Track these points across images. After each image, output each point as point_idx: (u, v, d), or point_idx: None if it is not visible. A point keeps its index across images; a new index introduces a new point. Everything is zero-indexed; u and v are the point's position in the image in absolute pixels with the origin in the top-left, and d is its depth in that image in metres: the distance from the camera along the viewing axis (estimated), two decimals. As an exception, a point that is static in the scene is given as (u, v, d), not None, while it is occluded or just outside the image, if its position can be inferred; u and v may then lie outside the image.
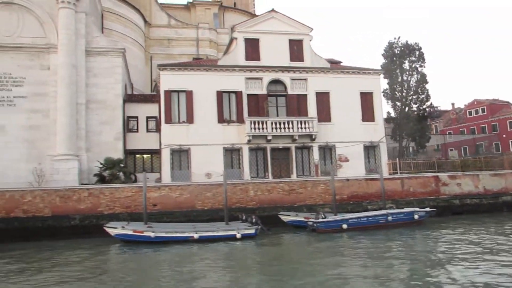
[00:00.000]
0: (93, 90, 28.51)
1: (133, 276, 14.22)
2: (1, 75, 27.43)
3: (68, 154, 26.84)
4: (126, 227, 19.74)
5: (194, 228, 20.65)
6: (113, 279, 13.66)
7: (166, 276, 14.02)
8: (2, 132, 26.96)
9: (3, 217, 23.21)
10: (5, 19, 27.86)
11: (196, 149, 27.45)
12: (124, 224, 20.44)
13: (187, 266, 15.20)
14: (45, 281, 13.43)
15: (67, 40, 27.76)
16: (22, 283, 13.41)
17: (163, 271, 14.76)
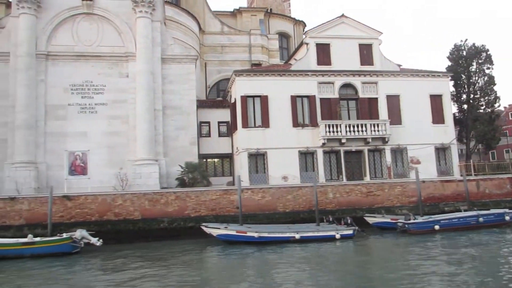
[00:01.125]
0: (168, 96, 29.31)
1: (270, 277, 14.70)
2: (83, 83, 28.43)
3: (148, 159, 27.61)
4: (229, 228, 20.28)
5: (289, 229, 21.09)
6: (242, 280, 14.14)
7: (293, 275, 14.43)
8: (85, 138, 27.90)
9: (97, 220, 24.03)
10: (86, 30, 28.90)
11: (272, 153, 27.96)
12: (224, 225, 21.00)
13: (304, 265, 15.64)
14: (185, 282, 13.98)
15: (144, 48, 28.65)
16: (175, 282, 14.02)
17: (285, 270, 15.16)
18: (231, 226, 20.69)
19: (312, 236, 20.10)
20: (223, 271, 15.46)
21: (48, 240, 19.09)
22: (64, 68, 28.36)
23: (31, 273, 16.14)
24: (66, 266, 17.52)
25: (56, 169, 27.28)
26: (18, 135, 26.70)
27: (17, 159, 26.44)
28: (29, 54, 27.46)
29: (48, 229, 21.71)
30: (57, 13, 28.58)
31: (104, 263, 17.68)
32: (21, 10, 27.80)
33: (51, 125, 27.71)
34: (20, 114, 26.83)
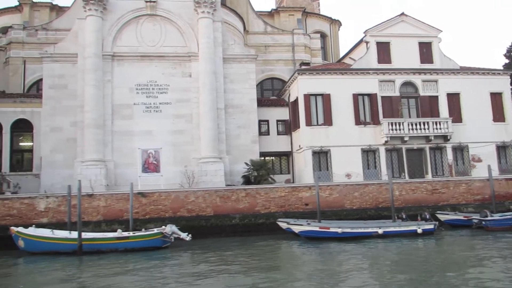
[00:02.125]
0: (229, 95, 29.75)
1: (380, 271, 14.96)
2: (147, 83, 29.02)
3: (213, 156, 28.06)
4: (312, 224, 20.60)
5: (365, 224, 21.34)
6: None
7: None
8: (150, 137, 28.47)
9: (171, 216, 24.56)
10: (149, 31, 29.49)
11: (336, 150, 28.22)
12: (307, 221, 21.35)
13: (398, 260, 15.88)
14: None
15: (207, 48, 29.13)
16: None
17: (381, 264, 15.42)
18: (313, 223, 20.99)
19: (395, 231, 20.33)
20: (318, 266, 15.67)
21: (141, 235, 19.63)
22: (129, 68, 28.99)
23: (127, 265, 16.67)
24: (159, 259, 18.06)
25: (123, 167, 27.92)
26: (88, 134, 27.39)
27: (87, 157, 27.13)
28: (96, 55, 28.16)
29: (130, 225, 22.25)
30: (121, 15, 29.22)
31: (194, 257, 18.20)
32: (88, 12, 28.51)
33: (118, 124, 28.35)
34: (89, 113, 27.51)
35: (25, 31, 42.62)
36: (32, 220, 23.56)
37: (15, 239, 20.19)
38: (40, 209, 23.90)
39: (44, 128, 28.07)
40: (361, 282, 12.67)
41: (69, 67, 28.76)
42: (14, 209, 23.68)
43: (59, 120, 28.12)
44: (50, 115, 28.14)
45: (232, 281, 13.41)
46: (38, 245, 19.41)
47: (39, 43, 42.54)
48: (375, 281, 12.78)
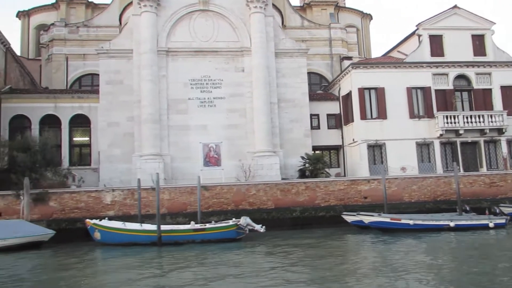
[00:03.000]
0: (281, 89, 29.94)
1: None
2: (201, 78, 29.33)
3: (268, 150, 28.31)
4: (382, 215, 20.78)
5: (432, 217, 21.45)
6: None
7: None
8: (205, 131, 28.80)
9: (233, 209, 24.91)
10: (202, 26, 29.77)
11: (390, 144, 28.31)
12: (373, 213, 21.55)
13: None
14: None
15: (260, 43, 29.32)
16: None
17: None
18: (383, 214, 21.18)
19: (466, 224, 20.41)
20: (398, 257, 15.76)
21: (217, 226, 19.99)
22: (183, 63, 29.32)
23: (206, 256, 17.03)
24: (235, 250, 18.43)
25: (179, 161, 28.32)
26: (145, 129, 27.80)
27: (145, 151, 27.56)
28: (152, 50, 28.52)
29: (198, 218, 22.58)
30: (175, 11, 29.52)
31: (268, 248, 18.56)
32: (143, 8, 28.84)
33: (173, 119, 28.72)
34: (146, 108, 27.92)
35: (66, 28, 43.28)
36: (99, 213, 24.10)
37: (91, 231, 20.70)
38: (107, 202, 24.43)
39: (102, 123, 28.57)
40: (451, 274, 12.76)
41: (124, 63, 29.17)
42: (81, 202, 24.25)
43: (115, 115, 28.58)
44: (107, 110, 28.62)
45: (314, 272, 13.57)
46: (116, 237, 19.89)
47: (81, 40, 43.27)
48: (462, 273, 12.84)
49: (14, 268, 16.77)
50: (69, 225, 23.24)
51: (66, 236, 21.88)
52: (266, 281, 12.36)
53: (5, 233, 20.19)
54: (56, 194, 24.12)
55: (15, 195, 23.92)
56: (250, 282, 12.29)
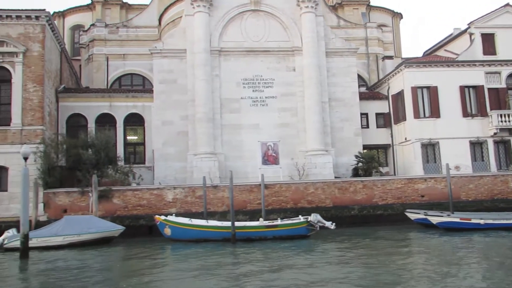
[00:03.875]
0: (332, 89, 30.10)
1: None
2: (253, 78, 29.62)
3: (320, 149, 28.49)
4: (452, 216, 20.84)
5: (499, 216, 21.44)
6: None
7: None
8: (257, 130, 29.07)
9: (292, 207, 25.16)
10: (253, 26, 30.06)
11: (444, 143, 28.35)
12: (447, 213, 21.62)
13: None
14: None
15: (311, 42, 29.52)
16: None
17: None
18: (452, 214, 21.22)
19: (537, 223, 20.37)
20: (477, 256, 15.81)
21: (288, 223, 20.23)
22: (235, 63, 29.63)
23: (279, 252, 17.24)
24: (306, 246, 18.66)
25: (232, 159, 28.61)
26: (200, 128, 28.14)
27: (200, 150, 27.88)
28: (205, 50, 28.86)
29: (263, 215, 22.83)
30: (227, 11, 29.84)
31: (338, 245, 18.81)
32: (197, 9, 29.21)
33: (226, 118, 29.03)
34: (201, 107, 28.26)
35: (106, 28, 43.87)
36: (161, 211, 24.51)
37: (160, 227, 21.05)
38: (168, 199, 24.84)
39: (156, 122, 28.98)
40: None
41: (177, 62, 29.56)
42: (144, 199, 24.69)
43: (169, 114, 28.96)
44: (161, 109, 29.02)
45: (388, 269, 13.58)
46: (188, 233, 20.21)
47: (120, 40, 43.82)
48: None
49: (100, 261, 17.21)
50: (133, 222, 23.66)
51: (130, 232, 22.26)
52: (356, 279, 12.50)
53: (80, 228, 20.66)
54: (119, 192, 24.60)
55: (79, 192, 24.47)
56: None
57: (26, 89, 24.97)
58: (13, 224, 23.38)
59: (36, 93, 25.05)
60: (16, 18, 25.28)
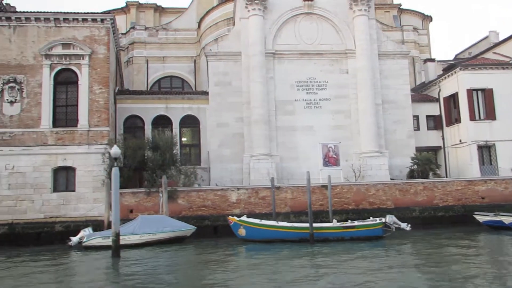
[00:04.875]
0: (384, 91, 30.29)
1: None
2: (307, 80, 29.89)
3: (376, 151, 28.67)
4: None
5: None
6: None
7: None
8: (311, 132, 29.31)
9: (354, 209, 25.37)
10: (306, 29, 30.34)
11: (500, 145, 28.45)
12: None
13: None
14: None
15: (365, 45, 29.75)
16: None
17: None
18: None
19: None
20: None
21: (365, 224, 20.42)
22: (289, 65, 29.92)
23: (357, 253, 17.43)
24: (383, 247, 18.83)
25: (287, 161, 28.88)
26: (256, 129, 28.41)
27: (257, 151, 28.16)
28: (261, 53, 29.16)
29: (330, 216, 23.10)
30: (281, 14, 30.16)
31: (415, 246, 18.96)
32: (252, 12, 29.54)
33: (281, 120, 29.31)
34: (257, 109, 28.54)
35: (146, 31, 44.44)
36: (225, 211, 24.81)
37: (234, 227, 21.34)
38: (232, 200, 25.12)
39: (211, 124, 29.31)
40: None
41: (232, 65, 29.90)
42: (208, 200, 24.99)
43: (225, 116, 29.28)
44: (216, 111, 29.35)
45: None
46: (264, 234, 20.45)
47: (160, 43, 44.42)
48: None
49: (187, 259, 17.51)
50: (197, 222, 23.88)
51: (195, 233, 22.54)
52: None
53: (156, 227, 21.01)
54: (184, 192, 24.94)
55: (145, 193, 24.82)
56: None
57: (92, 90, 25.40)
58: (81, 223, 23.92)
59: (102, 95, 25.48)
60: (82, 21, 25.73)
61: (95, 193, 24.53)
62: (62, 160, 24.62)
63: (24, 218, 23.77)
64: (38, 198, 24.15)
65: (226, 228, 24.20)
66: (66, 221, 23.91)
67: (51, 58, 25.34)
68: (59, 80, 25.54)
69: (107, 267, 16.51)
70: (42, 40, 25.41)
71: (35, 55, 25.26)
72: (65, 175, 24.88)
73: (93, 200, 24.41)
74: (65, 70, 25.59)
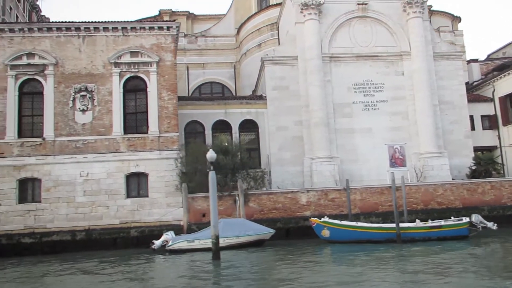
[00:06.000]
0: (440, 92, 30.48)
1: None
2: (363, 82, 30.16)
3: (436, 151, 28.84)
4: None
5: None
6: None
7: None
8: (370, 134, 29.54)
9: (422, 209, 25.52)
10: (361, 32, 30.65)
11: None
12: None
13: None
14: None
15: (421, 47, 29.98)
16: None
17: None
18: None
19: None
20: None
21: (452, 224, 20.56)
22: (345, 68, 30.22)
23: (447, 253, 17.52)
24: (469, 247, 18.96)
25: (347, 163, 29.09)
26: (316, 132, 28.67)
27: (318, 154, 28.41)
28: (318, 56, 29.49)
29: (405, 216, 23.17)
30: (336, 18, 30.49)
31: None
32: (307, 17, 29.89)
33: (339, 122, 29.57)
34: (317, 112, 28.82)
35: (186, 38, 44.90)
36: (296, 214, 25.13)
37: (317, 229, 21.58)
38: (302, 202, 25.38)
39: (271, 128, 29.62)
40: None
41: (289, 69, 30.23)
42: (279, 203, 25.29)
43: (283, 119, 29.59)
44: (274, 115, 29.66)
45: None
46: (349, 235, 20.66)
47: (200, 50, 44.87)
48: None
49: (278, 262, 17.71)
50: (270, 225, 24.05)
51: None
52: None
53: (238, 231, 21.28)
54: (255, 196, 25.24)
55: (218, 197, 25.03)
56: None
57: (161, 97, 25.82)
58: (155, 228, 24.27)
59: (170, 101, 25.91)
60: (149, 29, 26.19)
61: (167, 198, 24.90)
62: (134, 166, 25.02)
63: (100, 224, 24.18)
64: (113, 204, 24.55)
65: (298, 230, 24.60)
66: (141, 226, 24.26)
67: (120, 66, 25.80)
68: (128, 88, 25.99)
69: (214, 269, 16.75)
70: (110, 49, 25.90)
71: (104, 64, 25.74)
72: (136, 181, 25.27)
73: (166, 205, 24.77)
74: (134, 78, 26.04)
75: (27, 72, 25.31)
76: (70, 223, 24.01)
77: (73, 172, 24.55)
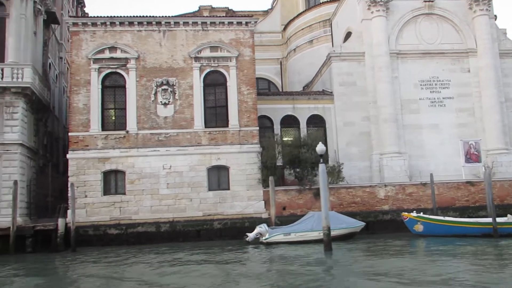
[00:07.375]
0: (506, 89, 30.74)
1: None
2: (430, 79, 30.40)
3: (504, 148, 29.12)
4: None
5: None
6: None
7: None
8: (437, 130, 29.81)
9: (498, 204, 25.65)
10: (427, 29, 30.87)
11: None
12: None
13: None
14: None
15: (487, 44, 30.21)
16: None
17: None
18: None
19: None
20: None
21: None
22: (412, 65, 30.45)
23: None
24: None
25: (415, 158, 29.31)
26: (385, 128, 28.95)
27: (387, 150, 28.69)
28: (386, 53, 29.72)
29: (489, 211, 23.46)
30: (402, 15, 30.69)
31: None
32: (375, 13, 30.12)
33: (406, 118, 29.81)
34: (386, 108, 29.09)
35: (230, 34, 44.89)
36: (374, 208, 25.48)
37: (409, 223, 21.92)
38: (380, 197, 25.74)
39: (338, 123, 29.90)
40: None
41: (355, 65, 30.49)
42: (357, 197, 25.65)
43: (350, 115, 29.87)
44: (342, 110, 29.95)
45: None
46: (444, 229, 20.98)
47: (246, 46, 44.75)
48: None
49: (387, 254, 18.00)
50: (350, 217, 24.39)
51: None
52: None
53: (332, 224, 21.48)
54: (334, 189, 25.55)
55: (297, 190, 25.50)
56: None
57: (240, 92, 26.12)
58: (237, 221, 24.62)
59: (250, 96, 26.21)
60: (228, 24, 26.48)
61: (249, 191, 25.24)
62: (216, 159, 25.36)
63: (183, 216, 24.55)
64: (196, 197, 24.91)
65: (377, 224, 24.92)
66: (223, 219, 24.62)
67: (200, 60, 26.10)
68: (207, 82, 26.27)
69: (336, 261, 17.03)
70: (190, 43, 26.19)
71: (184, 58, 26.04)
72: (217, 173, 25.59)
73: (247, 198, 25.10)
74: (213, 72, 26.33)
75: (110, 66, 25.63)
76: (154, 215, 24.38)
77: (156, 164, 24.90)
